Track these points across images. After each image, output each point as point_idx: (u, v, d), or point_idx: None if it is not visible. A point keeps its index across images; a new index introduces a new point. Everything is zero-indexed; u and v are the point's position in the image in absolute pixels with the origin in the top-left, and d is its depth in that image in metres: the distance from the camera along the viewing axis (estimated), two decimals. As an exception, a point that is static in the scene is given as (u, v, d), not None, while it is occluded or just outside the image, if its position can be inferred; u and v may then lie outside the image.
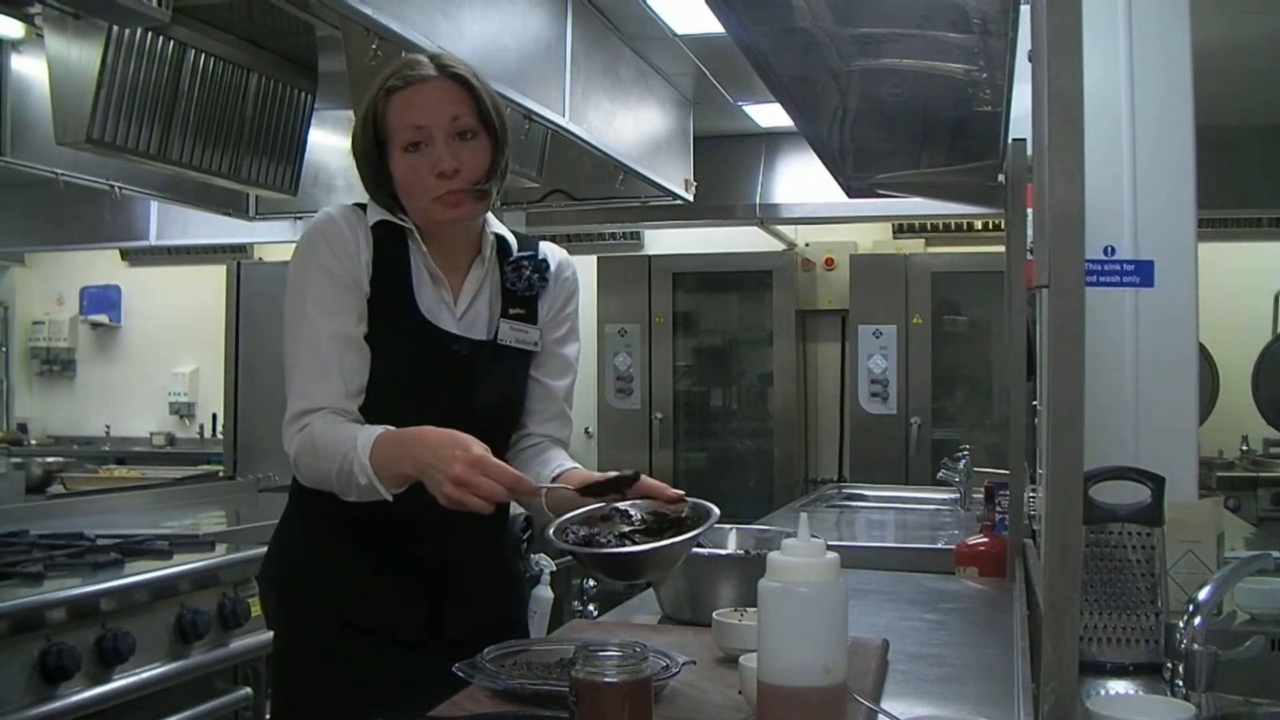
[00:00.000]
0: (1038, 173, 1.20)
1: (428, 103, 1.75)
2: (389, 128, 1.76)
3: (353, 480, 1.65)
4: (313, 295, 1.74)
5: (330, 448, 1.67)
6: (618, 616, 2.25)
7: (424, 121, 1.75)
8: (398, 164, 1.76)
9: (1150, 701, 1.56)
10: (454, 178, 1.74)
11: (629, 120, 4.27)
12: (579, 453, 6.76)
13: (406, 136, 1.75)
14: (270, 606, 1.95)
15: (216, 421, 6.50)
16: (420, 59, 1.81)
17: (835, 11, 1.97)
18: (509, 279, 1.87)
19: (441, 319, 1.81)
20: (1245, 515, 5.06)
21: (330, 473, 1.68)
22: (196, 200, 4.48)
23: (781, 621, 1.28)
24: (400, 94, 1.76)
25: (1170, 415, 2.37)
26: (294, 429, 1.72)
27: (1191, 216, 2.40)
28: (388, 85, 1.77)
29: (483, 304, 1.85)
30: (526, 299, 1.88)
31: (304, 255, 1.77)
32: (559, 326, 1.93)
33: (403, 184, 1.77)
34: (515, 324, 1.87)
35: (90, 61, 2.98)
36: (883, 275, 5.92)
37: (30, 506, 3.63)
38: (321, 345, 1.72)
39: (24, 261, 7.14)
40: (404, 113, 1.75)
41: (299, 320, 1.75)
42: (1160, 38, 2.40)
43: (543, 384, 1.92)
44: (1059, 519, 1.14)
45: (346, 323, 1.74)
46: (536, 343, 1.89)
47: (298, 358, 1.75)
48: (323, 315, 1.73)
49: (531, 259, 1.90)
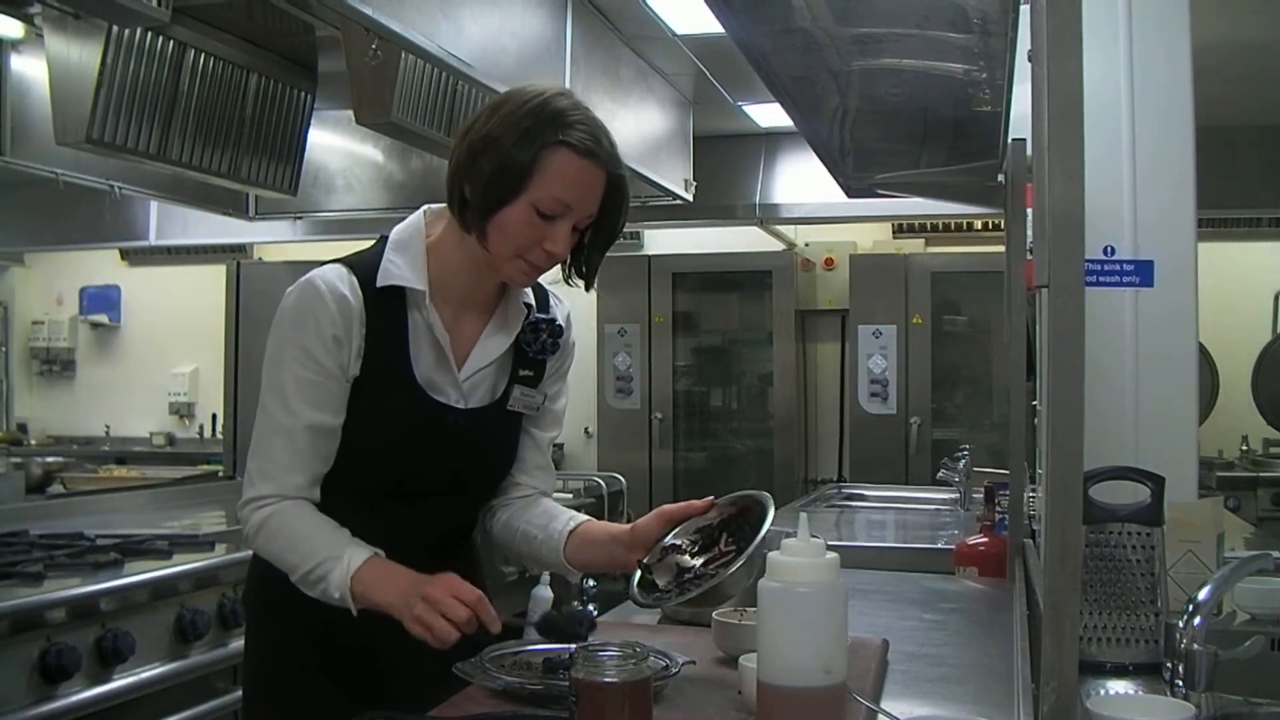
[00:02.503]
0: (1038, 173, 1.20)
1: (589, 190, 1.66)
2: (538, 176, 1.62)
3: (320, 588, 1.64)
4: (292, 379, 1.67)
5: (304, 545, 1.66)
6: (618, 616, 2.25)
7: (574, 204, 1.65)
8: (518, 213, 1.64)
9: (1150, 701, 1.56)
10: (552, 258, 1.70)
11: (629, 120, 4.27)
12: (579, 453, 6.70)
13: (548, 205, 1.63)
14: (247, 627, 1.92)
15: (216, 421, 6.50)
16: (600, 129, 1.67)
17: (835, 11, 1.97)
18: (525, 339, 1.82)
19: (441, 388, 1.75)
20: (1245, 515, 5.06)
21: (293, 564, 1.66)
22: (196, 200, 4.48)
23: (781, 621, 1.28)
24: (572, 159, 1.63)
25: (1170, 415, 2.37)
26: (255, 505, 1.69)
27: (1191, 216, 2.40)
28: (568, 139, 1.63)
29: (490, 370, 1.80)
30: (537, 362, 1.85)
31: (287, 333, 1.69)
32: (554, 384, 1.90)
33: (508, 231, 1.65)
34: (525, 389, 1.84)
35: (90, 61, 2.98)
36: (882, 275, 5.92)
37: (30, 506, 3.63)
38: (297, 435, 1.67)
39: (24, 261, 7.14)
40: (564, 182, 1.63)
41: (275, 402, 1.68)
42: (1160, 38, 2.41)
43: (532, 435, 1.90)
44: (1059, 519, 1.14)
45: (323, 414, 1.69)
46: (539, 407, 1.87)
47: (270, 438, 1.69)
48: (302, 404, 1.67)
49: (550, 324, 1.85)
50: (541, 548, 1.84)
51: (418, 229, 1.78)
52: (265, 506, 1.69)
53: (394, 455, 1.75)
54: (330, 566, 1.63)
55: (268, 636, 1.84)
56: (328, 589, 1.64)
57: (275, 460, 1.69)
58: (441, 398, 1.75)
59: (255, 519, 1.69)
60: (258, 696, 1.86)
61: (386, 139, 4.28)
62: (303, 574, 1.66)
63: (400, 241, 1.77)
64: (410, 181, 4.78)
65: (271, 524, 1.68)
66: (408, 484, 1.76)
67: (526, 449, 1.90)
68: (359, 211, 4.83)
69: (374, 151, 4.81)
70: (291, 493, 1.69)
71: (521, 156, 1.62)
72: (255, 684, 1.87)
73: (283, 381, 1.68)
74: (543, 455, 1.92)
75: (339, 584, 1.63)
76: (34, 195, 4.49)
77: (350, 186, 4.84)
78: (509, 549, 1.89)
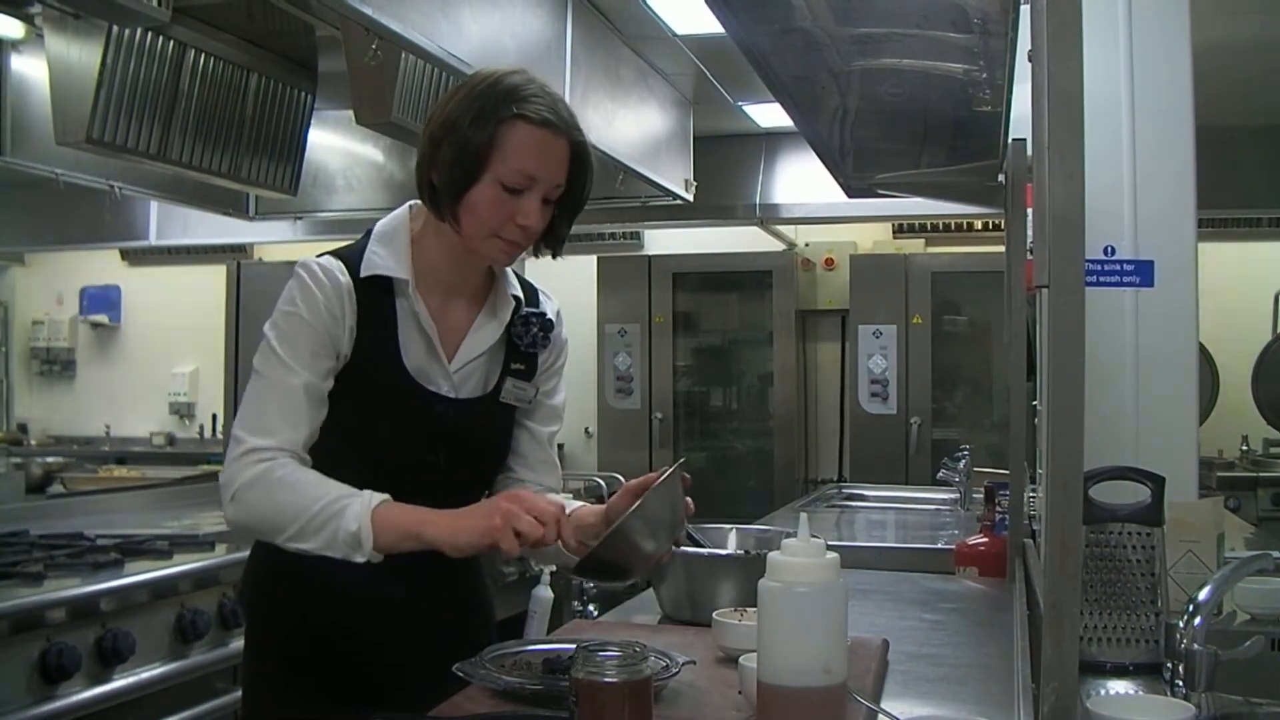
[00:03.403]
0: (1038, 173, 1.20)
1: (551, 159, 1.68)
2: (498, 152, 1.65)
3: (331, 527, 1.57)
4: (290, 343, 1.68)
5: (314, 489, 1.60)
6: (618, 616, 2.25)
7: (538, 175, 1.67)
8: (484, 192, 1.67)
9: (1150, 701, 1.56)
10: (527, 232, 1.71)
11: (629, 120, 4.27)
12: (579, 453, 6.70)
13: (513, 178, 1.66)
14: (246, 627, 1.91)
15: (216, 421, 6.50)
16: (556, 100, 1.70)
17: (835, 11, 1.97)
18: (516, 333, 1.84)
19: (431, 378, 1.76)
20: (1245, 515, 5.06)
21: (300, 508, 1.59)
22: (196, 200, 4.48)
23: (781, 621, 1.28)
24: (530, 130, 1.65)
25: (1170, 415, 2.37)
26: (251, 459, 1.63)
27: (1191, 216, 2.40)
28: (523, 112, 1.65)
29: (481, 361, 1.81)
30: (529, 356, 1.86)
31: (283, 305, 1.71)
32: (550, 379, 1.91)
33: (478, 211, 1.68)
34: (517, 381, 1.84)
35: (90, 61, 2.98)
36: (883, 275, 5.92)
37: (30, 506, 3.64)
38: (295, 392, 1.66)
39: (24, 261, 7.14)
40: (524, 154, 1.66)
41: (271, 362, 1.68)
42: (1160, 38, 2.40)
43: (531, 430, 1.90)
44: (1059, 519, 1.14)
45: (318, 377, 1.69)
46: (531, 400, 1.87)
47: (265, 395, 1.67)
48: (299, 364, 1.67)
49: (540, 318, 1.86)
50: None
51: (402, 221, 1.80)
52: (266, 459, 1.63)
53: (382, 444, 1.75)
54: (348, 501, 1.59)
55: (266, 635, 1.84)
56: (342, 523, 1.56)
57: (272, 416, 1.66)
58: (432, 387, 1.76)
59: (250, 473, 1.62)
60: (256, 696, 1.86)
61: (386, 139, 4.28)
62: (308, 518, 1.58)
63: (384, 234, 1.79)
64: (410, 181, 4.70)
65: (273, 473, 1.61)
66: (398, 473, 1.74)
67: (525, 444, 1.90)
68: (359, 211, 4.83)
69: (374, 151, 4.81)
70: (288, 446, 1.65)
71: (480, 136, 1.65)
72: (253, 683, 1.87)
73: (278, 344, 1.68)
74: (544, 450, 1.92)
75: (358, 514, 1.57)
76: (34, 195, 4.49)
77: (350, 186, 4.84)
78: None
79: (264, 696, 1.84)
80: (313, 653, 1.77)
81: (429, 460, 1.77)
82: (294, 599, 1.74)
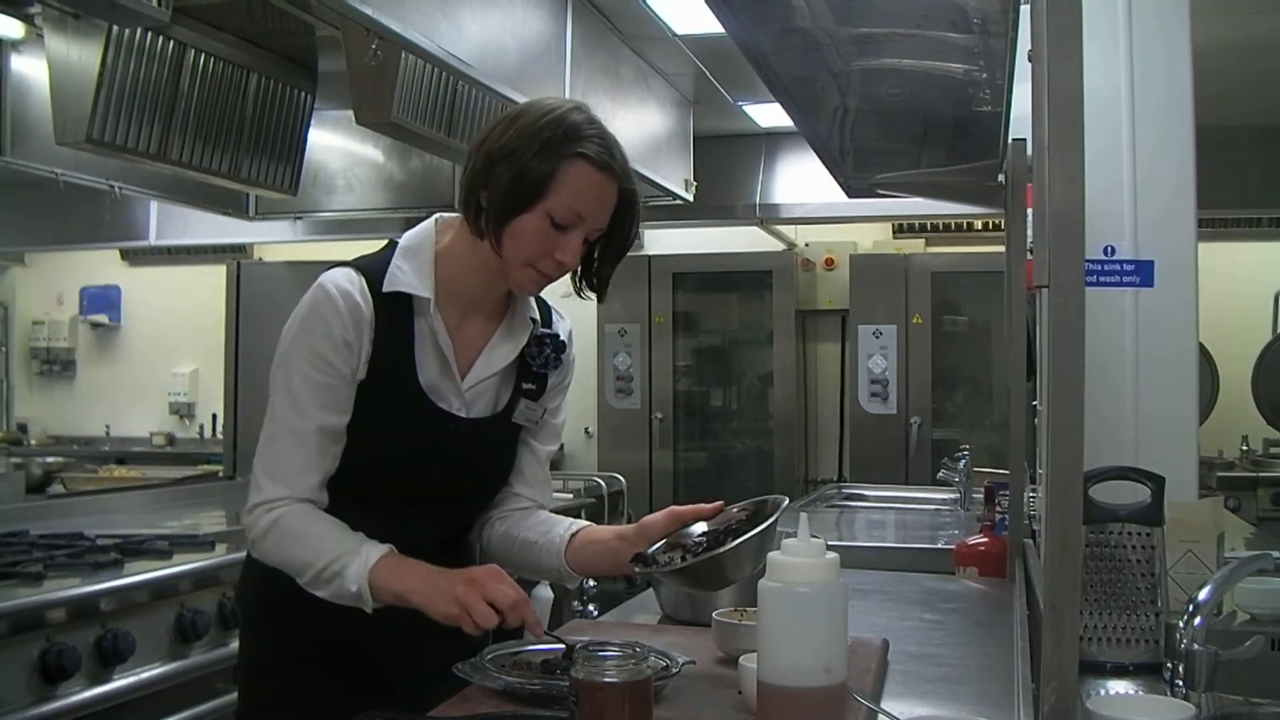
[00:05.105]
0: (1038, 173, 1.20)
1: (602, 202, 1.71)
2: (555, 186, 1.66)
3: (335, 584, 1.63)
4: (302, 381, 1.69)
5: (318, 543, 1.65)
6: (618, 616, 2.25)
7: (587, 215, 1.69)
8: (532, 222, 1.67)
9: (1150, 701, 1.56)
10: (562, 268, 1.72)
11: (629, 120, 4.27)
12: (579, 453, 6.70)
13: (563, 214, 1.67)
14: (243, 628, 1.92)
15: (216, 421, 6.50)
16: (614, 144, 1.71)
17: (835, 11, 1.97)
18: (529, 352, 1.84)
19: (444, 395, 1.76)
20: (1245, 515, 5.06)
21: (306, 563, 1.65)
22: (196, 200, 4.48)
23: (781, 621, 1.28)
24: (590, 172, 1.67)
25: (1170, 415, 2.37)
26: (263, 509, 1.68)
27: (1191, 216, 2.40)
28: (586, 151, 1.67)
29: (493, 380, 1.82)
30: (540, 376, 1.86)
31: (298, 335, 1.71)
32: (555, 398, 1.92)
33: (521, 239, 1.68)
34: (528, 401, 1.85)
35: (90, 61, 2.98)
36: (883, 275, 5.92)
37: (30, 506, 3.64)
38: (307, 437, 1.68)
39: (24, 261, 7.14)
40: (580, 194, 1.67)
41: (285, 404, 1.69)
42: (1160, 38, 2.40)
43: (531, 446, 1.91)
44: (1059, 519, 1.14)
45: (332, 416, 1.70)
46: (539, 419, 1.88)
47: (279, 441, 1.70)
48: (312, 405, 1.68)
49: (554, 339, 1.87)
50: (541, 553, 1.84)
51: (428, 236, 1.80)
52: (275, 509, 1.68)
53: (393, 459, 1.76)
54: (348, 560, 1.63)
55: (264, 635, 1.84)
56: (344, 583, 1.63)
57: (285, 462, 1.69)
58: (444, 405, 1.76)
59: (264, 522, 1.68)
60: (254, 696, 1.86)
61: (386, 139, 4.28)
62: (316, 571, 1.65)
63: (409, 248, 1.78)
64: (410, 181, 4.77)
65: (283, 524, 1.67)
66: (404, 488, 1.76)
67: (526, 461, 1.91)
68: (359, 211, 4.83)
69: (374, 151, 4.81)
70: (301, 494, 1.69)
71: (542, 167, 1.66)
72: (251, 683, 1.87)
73: (292, 383, 1.69)
74: (542, 468, 1.93)
75: (356, 576, 1.62)
76: (34, 195, 4.50)
77: (350, 186, 4.84)
78: (506, 559, 1.88)
79: (261, 697, 1.84)
80: (311, 653, 1.77)
81: (436, 476, 1.78)
82: (292, 600, 1.74)
